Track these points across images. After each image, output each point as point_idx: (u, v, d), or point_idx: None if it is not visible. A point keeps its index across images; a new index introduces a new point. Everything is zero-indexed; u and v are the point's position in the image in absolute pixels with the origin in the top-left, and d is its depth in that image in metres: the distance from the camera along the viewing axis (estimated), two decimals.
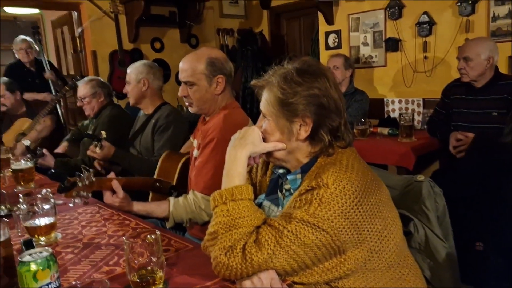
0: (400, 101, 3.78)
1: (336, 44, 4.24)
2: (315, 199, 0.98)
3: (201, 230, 1.68)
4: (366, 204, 1.01)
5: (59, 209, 1.58)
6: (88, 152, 2.34)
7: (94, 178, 1.55)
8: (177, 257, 1.20)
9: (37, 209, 1.32)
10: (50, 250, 0.95)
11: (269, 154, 1.16)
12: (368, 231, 1.02)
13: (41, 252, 0.94)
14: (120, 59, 4.51)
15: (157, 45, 4.94)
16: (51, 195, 1.38)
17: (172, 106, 2.56)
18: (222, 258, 0.98)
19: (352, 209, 0.99)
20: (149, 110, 2.51)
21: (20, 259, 0.91)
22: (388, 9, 3.75)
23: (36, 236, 1.34)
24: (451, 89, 2.84)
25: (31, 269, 0.90)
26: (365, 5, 3.95)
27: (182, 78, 1.76)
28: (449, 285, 1.28)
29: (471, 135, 2.53)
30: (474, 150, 2.35)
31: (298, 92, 1.07)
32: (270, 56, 4.97)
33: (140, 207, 1.64)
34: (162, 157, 2.00)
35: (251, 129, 1.15)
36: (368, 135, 3.08)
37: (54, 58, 5.52)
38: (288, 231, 0.97)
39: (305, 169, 1.12)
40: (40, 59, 4.31)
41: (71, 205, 1.60)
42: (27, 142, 2.59)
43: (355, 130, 3.02)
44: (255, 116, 1.42)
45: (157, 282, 1.00)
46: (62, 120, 4.09)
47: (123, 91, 2.54)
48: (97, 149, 2.26)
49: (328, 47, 4.31)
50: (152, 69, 2.50)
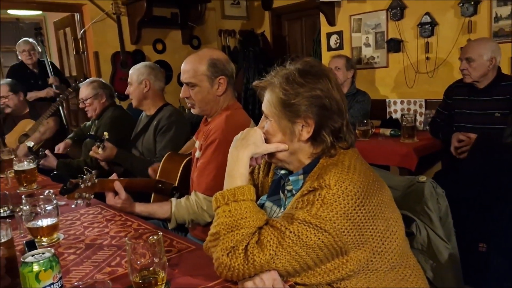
0: (402, 102, 3.77)
1: (338, 45, 4.24)
2: (317, 200, 0.98)
3: (203, 231, 1.68)
4: (369, 205, 1.01)
5: (62, 210, 1.59)
6: (91, 153, 2.35)
7: (96, 180, 1.56)
8: (179, 258, 1.20)
9: (40, 210, 1.32)
10: (53, 251, 0.95)
11: (271, 155, 1.16)
12: (371, 232, 1.02)
13: (44, 253, 0.94)
14: (122, 61, 4.52)
15: (159, 47, 4.95)
16: (54, 196, 1.38)
17: (174, 107, 2.57)
18: (224, 259, 0.98)
19: (354, 210, 0.99)
20: (151, 111, 2.52)
21: (23, 260, 0.91)
22: (390, 10, 3.74)
23: (39, 237, 1.34)
24: (454, 90, 2.84)
25: (34, 270, 0.90)
26: (367, 6, 3.94)
27: (184, 80, 1.76)
28: (452, 286, 1.28)
29: (474, 136, 2.53)
30: (477, 151, 2.35)
31: (300, 93, 1.07)
32: (272, 57, 4.97)
33: (142, 208, 1.64)
34: (164, 158, 2.00)
35: (253, 130, 1.15)
36: (370, 136, 3.08)
37: (57, 60, 5.54)
38: (290, 232, 0.97)
39: (307, 170, 1.12)
40: (43, 61, 4.33)
41: (74, 206, 1.61)
42: (31, 144, 2.60)
43: (357, 131, 3.02)
44: (257, 117, 1.42)
45: (159, 283, 1.00)
46: (65, 122, 4.10)
47: (125, 93, 2.55)
48: (100, 150, 2.27)
49: (330, 48, 4.31)
50: (154, 70, 2.50)
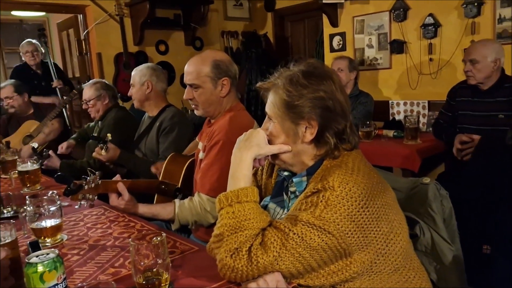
0: (405, 103, 3.76)
1: (341, 46, 4.23)
2: (321, 202, 0.98)
3: (206, 233, 1.68)
4: (372, 207, 1.01)
5: (65, 211, 1.59)
6: (94, 154, 2.35)
7: (100, 181, 1.57)
8: (183, 259, 1.20)
9: (44, 211, 1.32)
10: (57, 252, 0.95)
11: (275, 157, 1.16)
12: (374, 234, 1.02)
13: (48, 254, 0.94)
14: (125, 62, 4.53)
15: (162, 48, 4.96)
16: (57, 197, 1.39)
17: (177, 108, 2.57)
18: (228, 260, 0.98)
19: (358, 212, 0.98)
20: (154, 112, 2.52)
21: (27, 261, 0.92)
22: (393, 11, 3.73)
23: (42, 238, 1.34)
24: (457, 91, 2.83)
25: (38, 271, 0.90)
26: (370, 7, 3.94)
27: (187, 81, 1.76)
28: None
29: (477, 137, 2.52)
30: (480, 153, 2.35)
31: (304, 95, 1.07)
32: (275, 58, 4.97)
33: (146, 209, 1.64)
34: (168, 159, 2.00)
35: (257, 131, 1.15)
36: (373, 137, 3.08)
37: (60, 61, 5.56)
38: (294, 234, 0.97)
39: (311, 172, 1.12)
40: (46, 62, 4.34)
41: (77, 207, 1.61)
42: (35, 145, 2.61)
43: (360, 133, 3.01)
44: (260, 119, 1.42)
45: (163, 284, 1.00)
46: (68, 123, 4.11)
47: (128, 94, 2.56)
48: (103, 151, 2.27)
49: (333, 49, 4.30)
50: (156, 72, 2.51)
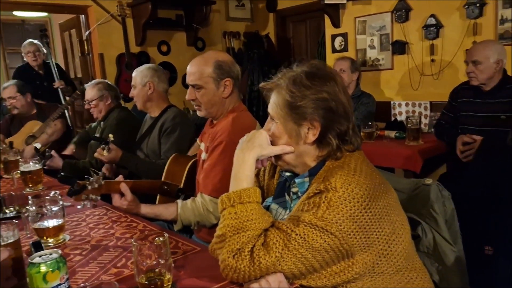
0: (407, 104, 3.76)
1: (343, 47, 4.24)
2: (324, 203, 0.98)
3: (209, 233, 1.68)
4: (375, 208, 1.01)
5: (67, 211, 1.59)
6: (95, 155, 2.35)
7: (103, 181, 1.57)
8: (185, 260, 1.20)
9: (46, 211, 1.33)
10: (60, 252, 0.95)
11: (277, 157, 1.16)
12: (377, 235, 1.02)
13: (51, 254, 0.94)
14: (127, 62, 4.54)
15: (164, 48, 4.97)
16: (60, 197, 1.39)
17: (178, 109, 2.57)
18: (230, 261, 0.98)
19: (361, 213, 0.98)
20: (155, 113, 2.53)
21: (30, 261, 0.92)
22: (395, 12, 3.74)
23: (45, 238, 1.35)
24: (459, 92, 2.83)
25: (41, 271, 0.90)
26: (372, 8, 3.94)
27: (190, 82, 1.76)
28: None
29: (479, 138, 2.52)
30: (482, 153, 2.35)
31: (307, 96, 1.07)
32: (276, 59, 4.97)
33: (148, 210, 1.64)
34: (170, 160, 2.00)
35: (259, 132, 1.15)
36: (375, 138, 3.08)
37: (62, 61, 5.56)
38: (296, 234, 0.97)
39: (313, 173, 1.12)
40: (48, 62, 4.35)
41: (80, 207, 1.61)
42: (38, 145, 2.61)
43: (362, 133, 3.01)
44: (261, 119, 1.42)
45: (165, 285, 1.00)
46: (70, 123, 4.12)
47: (129, 95, 2.56)
48: (105, 152, 2.27)
49: (335, 50, 4.31)
50: (157, 72, 2.51)
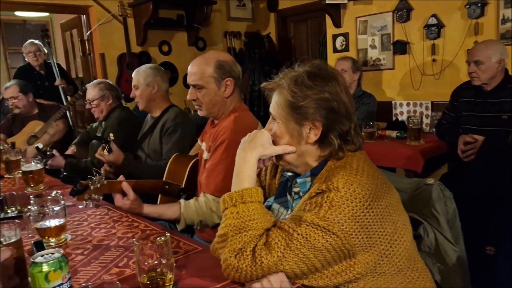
0: (408, 104, 3.76)
1: (344, 47, 4.23)
2: (325, 202, 0.98)
3: (211, 234, 1.68)
4: (377, 208, 1.01)
5: (69, 211, 1.59)
6: (96, 155, 2.35)
7: (106, 181, 1.57)
8: (186, 259, 1.20)
9: (48, 211, 1.33)
10: (62, 251, 0.95)
11: (279, 157, 1.16)
12: (378, 235, 1.02)
13: (53, 253, 0.94)
14: (128, 62, 4.54)
15: (165, 48, 4.97)
16: (61, 197, 1.39)
17: (179, 108, 2.57)
18: (232, 261, 0.98)
19: (363, 213, 0.98)
20: (157, 113, 2.52)
21: (32, 260, 0.92)
22: (396, 12, 3.73)
23: (46, 238, 1.35)
24: (460, 92, 2.82)
25: (43, 270, 0.90)
26: (373, 8, 3.93)
27: (191, 82, 1.76)
28: None
29: (480, 138, 2.51)
30: (483, 153, 2.35)
31: (309, 96, 1.07)
32: (278, 59, 4.97)
33: (151, 209, 1.64)
34: (171, 160, 2.01)
35: (261, 132, 1.15)
36: (376, 138, 3.07)
37: (63, 61, 5.57)
38: (298, 234, 0.97)
39: (315, 172, 1.12)
40: (50, 62, 4.35)
41: (82, 207, 1.62)
42: (40, 145, 2.61)
43: (363, 133, 3.01)
44: (263, 119, 1.42)
45: (167, 284, 1.00)
46: (71, 123, 4.12)
47: (131, 96, 2.55)
48: (105, 152, 2.27)
49: (336, 50, 4.30)
50: (159, 72, 2.51)
